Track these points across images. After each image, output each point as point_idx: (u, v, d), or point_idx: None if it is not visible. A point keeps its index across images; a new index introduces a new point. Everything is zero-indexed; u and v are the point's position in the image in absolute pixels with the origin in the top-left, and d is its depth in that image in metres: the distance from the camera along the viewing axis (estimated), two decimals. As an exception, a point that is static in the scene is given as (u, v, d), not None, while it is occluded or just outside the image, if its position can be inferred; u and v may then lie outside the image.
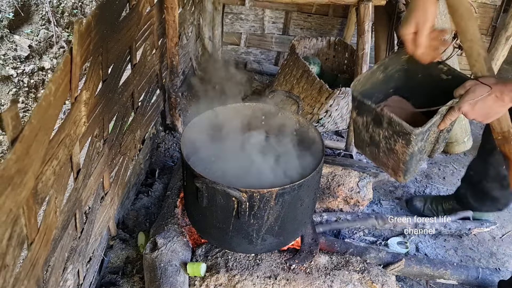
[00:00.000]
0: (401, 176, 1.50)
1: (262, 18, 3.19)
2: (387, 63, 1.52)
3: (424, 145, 1.42)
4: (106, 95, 1.49)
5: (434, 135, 1.43)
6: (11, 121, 0.76)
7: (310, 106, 2.47)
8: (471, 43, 1.33)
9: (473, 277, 1.85)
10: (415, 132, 1.29)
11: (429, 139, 1.42)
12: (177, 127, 2.55)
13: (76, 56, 1.11)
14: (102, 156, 1.55)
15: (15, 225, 0.86)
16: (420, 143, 1.36)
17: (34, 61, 3.06)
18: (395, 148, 1.40)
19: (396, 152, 1.42)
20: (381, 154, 1.50)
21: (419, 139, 1.33)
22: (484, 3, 2.93)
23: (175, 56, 2.29)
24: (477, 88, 1.27)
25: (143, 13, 1.82)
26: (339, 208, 2.10)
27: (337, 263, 1.72)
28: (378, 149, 1.49)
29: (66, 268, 1.35)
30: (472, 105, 1.27)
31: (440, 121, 1.36)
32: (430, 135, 1.40)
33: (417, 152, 1.39)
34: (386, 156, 1.48)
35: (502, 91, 1.23)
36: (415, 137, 1.31)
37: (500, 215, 2.27)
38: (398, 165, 1.46)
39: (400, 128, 1.32)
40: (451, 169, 2.60)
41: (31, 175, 0.90)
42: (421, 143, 1.37)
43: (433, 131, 1.39)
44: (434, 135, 1.43)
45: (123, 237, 1.89)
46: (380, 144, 1.46)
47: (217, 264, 1.66)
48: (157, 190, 2.15)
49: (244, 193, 1.42)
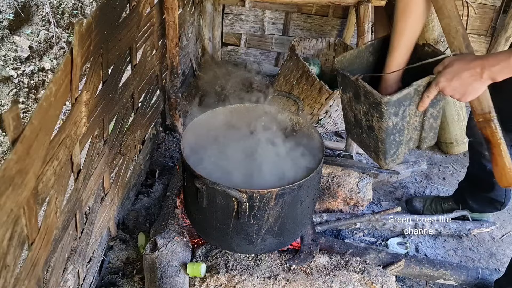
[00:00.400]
0: (382, 159, 1.49)
1: (262, 19, 3.20)
2: (376, 45, 1.52)
3: (403, 125, 1.39)
4: (107, 96, 1.49)
5: (416, 118, 1.41)
6: (12, 121, 0.76)
7: (310, 106, 2.47)
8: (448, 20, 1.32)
9: (472, 277, 1.85)
10: (383, 100, 1.28)
11: (410, 121, 1.40)
12: (177, 127, 2.55)
13: (76, 56, 1.11)
14: (102, 157, 1.55)
15: (15, 225, 0.86)
16: (394, 118, 1.34)
17: (34, 62, 3.07)
18: (373, 124, 1.40)
19: (374, 129, 1.41)
20: (364, 135, 1.50)
21: (391, 112, 1.31)
22: (483, 4, 2.94)
23: (175, 57, 2.29)
24: (454, 64, 1.26)
25: (143, 14, 1.83)
26: (339, 209, 2.10)
27: (337, 263, 1.73)
28: (361, 129, 1.49)
29: (66, 268, 1.35)
30: (449, 80, 1.26)
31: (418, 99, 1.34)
32: (409, 116, 1.38)
33: (392, 129, 1.37)
34: (368, 136, 1.48)
35: (482, 66, 1.21)
36: (386, 108, 1.29)
37: (499, 215, 2.27)
38: (377, 145, 1.45)
39: (373, 99, 1.31)
40: (450, 169, 2.60)
41: (32, 175, 0.90)
42: (395, 119, 1.35)
43: (412, 110, 1.37)
44: (416, 118, 1.41)
45: (123, 238, 1.89)
46: (362, 122, 1.45)
47: (217, 265, 1.66)
48: (157, 191, 2.15)
49: (244, 194, 1.42)
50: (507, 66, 1.17)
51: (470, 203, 2.07)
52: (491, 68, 1.19)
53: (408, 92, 1.30)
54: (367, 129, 1.45)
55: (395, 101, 1.29)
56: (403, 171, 2.42)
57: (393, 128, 1.37)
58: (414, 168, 2.46)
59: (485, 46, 3.09)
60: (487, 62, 1.20)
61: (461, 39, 1.32)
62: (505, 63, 1.17)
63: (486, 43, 3.08)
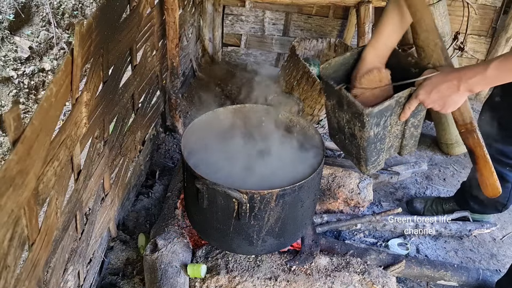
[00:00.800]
0: (363, 166, 1.51)
1: (263, 19, 3.20)
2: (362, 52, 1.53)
3: (384, 134, 1.42)
4: (107, 96, 1.49)
5: (398, 126, 1.44)
6: (13, 122, 0.76)
7: (310, 107, 2.47)
8: (427, 33, 1.35)
9: (473, 278, 1.85)
10: (365, 111, 1.30)
11: (391, 130, 1.43)
12: (177, 128, 2.55)
13: (77, 57, 1.11)
14: (102, 157, 1.55)
15: (16, 226, 0.86)
16: (375, 128, 1.37)
17: (35, 62, 3.07)
18: (355, 132, 1.42)
19: (356, 137, 1.43)
20: (346, 142, 1.52)
21: (372, 122, 1.34)
22: (484, 4, 2.94)
23: (175, 58, 2.29)
24: (433, 77, 1.30)
25: (143, 14, 1.83)
26: (340, 210, 2.10)
27: (337, 264, 1.72)
28: (344, 135, 1.51)
29: (66, 269, 1.35)
30: (428, 92, 1.29)
31: (399, 109, 1.37)
32: (391, 125, 1.41)
33: (373, 138, 1.39)
34: (350, 143, 1.50)
35: (459, 78, 1.24)
36: (368, 119, 1.32)
37: (500, 216, 2.27)
38: (359, 152, 1.47)
39: (355, 109, 1.34)
40: (451, 170, 2.60)
41: (33, 176, 0.90)
42: (377, 129, 1.37)
43: (394, 120, 1.40)
44: (397, 127, 1.44)
45: (123, 239, 1.89)
46: (345, 129, 1.48)
47: (217, 266, 1.65)
48: (158, 192, 2.15)
49: (245, 194, 1.42)
50: (484, 79, 1.20)
51: (471, 204, 2.07)
52: (468, 81, 1.23)
53: (389, 103, 1.32)
54: (349, 136, 1.48)
55: (376, 112, 1.32)
56: (404, 172, 2.41)
57: (374, 137, 1.40)
58: (415, 169, 2.46)
59: (485, 47, 3.09)
60: (464, 74, 1.24)
61: (439, 51, 1.35)
62: (481, 75, 1.20)
63: (487, 44, 3.08)
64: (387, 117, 1.36)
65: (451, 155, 2.69)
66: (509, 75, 1.20)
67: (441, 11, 2.21)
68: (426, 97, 1.31)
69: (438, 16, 2.17)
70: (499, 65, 1.18)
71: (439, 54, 1.35)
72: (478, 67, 1.23)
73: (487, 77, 1.19)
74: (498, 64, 1.18)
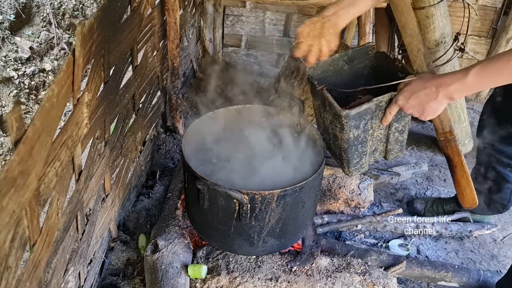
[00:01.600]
0: (345, 167, 1.53)
1: (263, 20, 3.20)
2: (352, 55, 1.55)
3: (365, 137, 1.42)
4: (108, 97, 1.49)
5: (381, 131, 1.45)
6: (15, 122, 0.76)
7: (311, 108, 2.46)
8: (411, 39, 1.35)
9: (474, 279, 1.85)
10: (342, 113, 1.31)
11: (374, 134, 1.43)
12: (178, 129, 2.55)
13: (78, 57, 1.11)
14: (103, 158, 1.55)
15: (17, 226, 0.86)
16: (355, 131, 1.37)
17: (35, 62, 3.07)
18: (336, 133, 1.44)
19: (337, 138, 1.45)
20: (331, 142, 1.55)
21: (351, 124, 1.35)
22: (484, 5, 2.94)
23: (176, 58, 2.29)
24: (413, 83, 1.29)
25: (144, 15, 1.83)
26: (340, 210, 2.10)
27: (338, 265, 1.72)
28: (328, 136, 1.54)
29: (67, 270, 1.34)
30: (407, 98, 1.29)
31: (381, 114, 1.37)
32: (373, 128, 1.41)
33: (353, 140, 1.40)
34: (334, 144, 1.52)
35: (438, 85, 1.23)
36: (346, 121, 1.33)
37: (501, 217, 2.27)
38: (341, 153, 1.49)
39: (335, 110, 1.35)
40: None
41: (34, 176, 0.90)
42: (357, 131, 1.38)
43: (376, 124, 1.40)
44: (380, 131, 1.44)
45: (124, 239, 1.89)
46: (329, 130, 1.50)
47: (218, 266, 1.65)
48: (158, 192, 2.15)
49: (246, 195, 1.42)
50: (463, 85, 1.19)
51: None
52: (447, 88, 1.21)
53: (368, 107, 1.33)
54: (332, 137, 1.50)
55: (354, 115, 1.32)
56: (404, 172, 2.41)
57: (354, 139, 1.41)
58: (415, 169, 2.46)
59: (485, 48, 3.09)
60: (444, 81, 1.23)
61: (422, 57, 1.35)
62: (460, 82, 1.19)
63: (487, 45, 3.08)
64: (367, 120, 1.37)
65: (452, 156, 2.69)
66: (488, 82, 1.19)
67: (442, 12, 2.21)
68: (404, 102, 1.30)
69: (439, 17, 2.17)
70: (479, 72, 1.16)
71: (421, 60, 1.35)
72: (457, 74, 1.21)
73: (467, 84, 1.18)
74: (478, 71, 1.17)
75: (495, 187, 1.91)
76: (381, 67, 1.52)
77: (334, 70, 1.53)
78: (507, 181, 1.86)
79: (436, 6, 2.15)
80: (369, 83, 1.51)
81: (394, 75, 1.43)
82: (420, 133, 2.87)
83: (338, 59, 1.52)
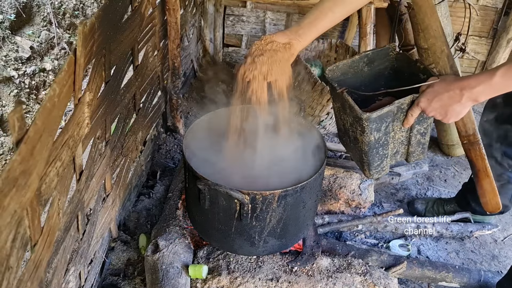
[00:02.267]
0: (366, 170, 1.51)
1: (264, 20, 3.20)
2: (372, 56, 1.53)
3: (387, 140, 1.40)
4: (109, 97, 1.49)
5: (403, 133, 1.43)
6: (17, 122, 0.75)
7: (311, 108, 2.46)
8: (434, 40, 1.33)
9: (475, 280, 1.85)
10: (364, 116, 1.30)
11: (395, 136, 1.42)
12: (178, 128, 2.55)
13: (80, 57, 1.11)
14: (104, 158, 1.54)
15: (19, 226, 0.86)
16: (376, 133, 1.36)
17: (36, 62, 3.06)
18: (357, 136, 1.42)
19: (358, 141, 1.43)
20: (351, 145, 1.52)
21: (372, 127, 1.33)
22: (485, 6, 2.94)
23: (176, 58, 2.29)
24: (436, 85, 1.27)
25: (145, 14, 1.83)
26: (341, 211, 2.10)
27: (339, 265, 1.72)
28: (349, 138, 1.51)
29: (68, 270, 1.34)
30: (430, 101, 1.27)
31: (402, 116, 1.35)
32: (394, 131, 1.40)
33: (375, 143, 1.39)
34: (354, 146, 1.50)
35: (462, 87, 1.20)
36: (367, 124, 1.31)
37: (501, 217, 2.27)
38: (362, 156, 1.47)
39: (355, 113, 1.33)
40: (452, 171, 2.60)
41: (35, 176, 0.90)
42: (378, 134, 1.36)
43: (397, 126, 1.39)
44: (402, 134, 1.43)
45: (124, 239, 1.89)
46: (349, 132, 1.48)
47: (218, 266, 1.65)
48: (159, 192, 2.14)
49: (247, 195, 1.42)
50: (489, 87, 1.16)
51: (472, 205, 2.07)
52: (472, 90, 1.19)
53: (390, 109, 1.31)
54: (353, 140, 1.48)
55: (375, 118, 1.31)
56: (405, 173, 2.41)
57: (375, 142, 1.39)
58: (416, 170, 2.46)
59: (486, 48, 3.09)
60: (468, 83, 1.20)
61: (445, 59, 1.33)
62: (486, 84, 1.16)
63: (488, 45, 3.08)
64: (388, 122, 1.35)
65: (452, 156, 2.69)
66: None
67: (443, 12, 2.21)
68: (427, 105, 1.28)
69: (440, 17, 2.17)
70: (505, 73, 1.13)
71: (445, 61, 1.33)
72: (482, 76, 1.18)
73: (493, 85, 1.15)
74: (504, 72, 1.14)
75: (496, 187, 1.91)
76: (402, 68, 1.49)
77: (354, 72, 1.51)
78: (508, 181, 1.86)
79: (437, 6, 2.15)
80: (389, 85, 1.49)
81: (416, 76, 1.41)
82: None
83: (358, 60, 1.50)
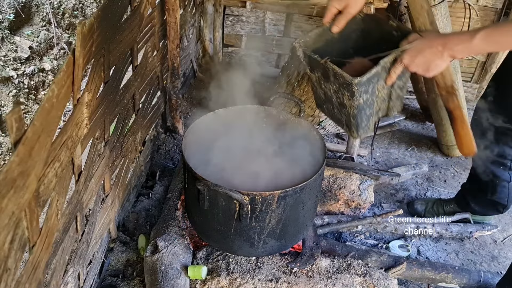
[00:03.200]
0: (354, 132, 1.54)
1: (263, 20, 3.19)
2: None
3: (372, 99, 1.44)
4: (108, 97, 1.49)
5: (384, 90, 1.46)
6: (15, 123, 0.75)
7: (311, 108, 2.46)
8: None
9: (475, 280, 1.84)
10: (354, 81, 1.32)
11: (379, 95, 1.45)
12: (178, 129, 2.54)
13: (78, 57, 1.10)
14: (103, 158, 1.54)
15: (17, 228, 0.85)
16: (364, 95, 1.39)
17: (35, 62, 3.06)
18: (344, 101, 1.45)
19: (345, 106, 1.46)
20: (335, 110, 1.55)
21: (362, 90, 1.36)
22: (484, 6, 2.93)
23: (176, 58, 2.28)
24: (417, 42, 1.32)
25: (144, 15, 1.82)
26: (340, 211, 2.09)
27: (338, 266, 1.72)
28: (332, 105, 1.54)
29: (67, 271, 1.34)
30: (413, 57, 1.32)
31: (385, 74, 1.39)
32: (378, 90, 1.43)
33: (363, 105, 1.42)
34: (339, 112, 1.53)
35: (444, 45, 1.27)
36: (357, 88, 1.34)
37: (501, 218, 2.26)
38: (349, 119, 1.50)
39: (343, 80, 1.36)
40: (452, 172, 2.60)
41: (34, 177, 0.89)
42: (366, 96, 1.40)
43: (381, 85, 1.43)
44: (384, 91, 1.46)
45: (123, 240, 1.88)
46: (332, 99, 1.50)
47: (218, 267, 1.65)
48: (158, 193, 2.14)
49: (246, 196, 1.42)
50: (468, 47, 1.24)
51: (472, 206, 2.06)
52: (453, 47, 1.26)
53: (376, 70, 1.35)
54: (338, 106, 1.51)
55: (365, 81, 1.34)
56: (405, 173, 2.41)
57: (364, 104, 1.42)
58: (416, 170, 2.45)
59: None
60: (450, 41, 1.27)
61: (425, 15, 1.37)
62: (466, 44, 1.24)
63: (487, 46, 3.07)
64: (374, 83, 1.39)
65: (452, 156, 2.69)
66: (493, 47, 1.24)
67: (443, 12, 2.20)
68: (410, 61, 1.33)
69: (440, 18, 2.16)
70: (485, 36, 1.20)
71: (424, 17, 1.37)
72: (464, 35, 1.26)
73: (472, 46, 1.23)
74: (484, 35, 1.20)
75: (491, 187, 1.92)
76: (370, 29, 1.54)
77: (325, 40, 1.56)
78: (502, 179, 1.87)
79: (437, 6, 2.15)
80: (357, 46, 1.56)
81: (388, 34, 1.46)
82: (420, 134, 2.87)
83: (328, 28, 1.54)
